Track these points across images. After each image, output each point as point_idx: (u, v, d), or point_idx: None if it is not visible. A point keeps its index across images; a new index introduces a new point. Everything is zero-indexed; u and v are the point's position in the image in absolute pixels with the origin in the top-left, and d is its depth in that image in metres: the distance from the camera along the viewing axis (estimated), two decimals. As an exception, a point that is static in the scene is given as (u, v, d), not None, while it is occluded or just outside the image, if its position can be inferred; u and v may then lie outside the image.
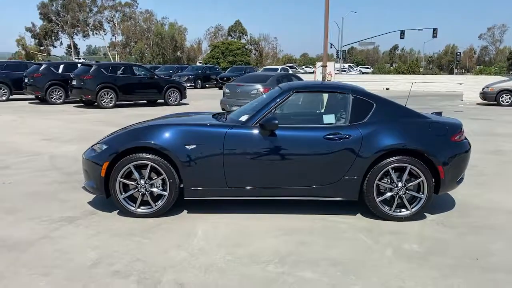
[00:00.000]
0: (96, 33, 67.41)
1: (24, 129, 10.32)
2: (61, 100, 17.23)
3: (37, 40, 67.18)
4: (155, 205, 4.34)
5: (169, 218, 4.34)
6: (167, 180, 4.28)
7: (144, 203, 4.37)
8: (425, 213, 4.60)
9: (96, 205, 4.68)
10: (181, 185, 4.35)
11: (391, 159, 4.30)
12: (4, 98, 18.12)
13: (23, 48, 66.52)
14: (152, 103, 17.65)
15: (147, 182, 4.32)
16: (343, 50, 52.92)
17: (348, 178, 4.31)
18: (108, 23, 67.24)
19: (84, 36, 67.05)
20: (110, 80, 16.03)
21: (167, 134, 4.29)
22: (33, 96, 17.89)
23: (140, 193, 4.33)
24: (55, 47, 69.66)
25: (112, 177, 4.28)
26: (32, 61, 44.00)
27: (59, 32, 66.76)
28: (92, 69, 16.05)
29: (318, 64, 17.41)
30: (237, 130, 4.33)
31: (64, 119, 12.31)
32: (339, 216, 4.48)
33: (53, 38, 67.13)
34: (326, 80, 16.78)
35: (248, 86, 13.30)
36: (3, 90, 18.15)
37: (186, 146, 4.25)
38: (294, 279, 3.13)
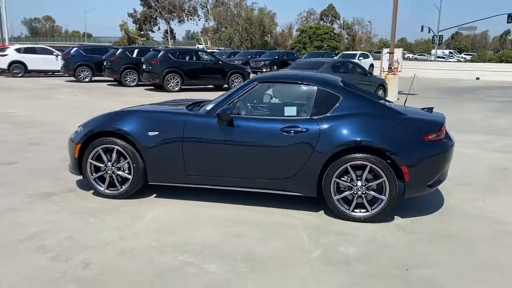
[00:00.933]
0: (191, 19, 70.40)
1: (87, 109, 11.22)
2: (134, 83, 18.40)
3: (137, 25, 71.96)
4: (121, 188, 4.58)
5: (135, 201, 4.55)
6: (131, 164, 4.49)
7: (113, 184, 4.63)
8: (395, 215, 4.30)
9: (81, 184, 5.03)
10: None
11: (350, 156, 4.07)
12: (87, 79, 19.80)
13: (126, 32, 71.59)
14: (218, 87, 18.10)
15: (114, 165, 4.56)
16: (439, 36, 49.41)
17: (305, 173, 4.17)
18: (202, 8, 69.81)
19: (179, 22, 70.44)
20: (176, 65, 16.77)
21: (133, 120, 4.48)
22: (111, 79, 19.33)
23: (108, 175, 4.59)
24: (154, 32, 74.14)
25: (84, 158, 4.58)
26: (133, 45, 47.45)
27: (157, 18, 70.76)
28: (160, 54, 16.89)
29: (385, 50, 16.50)
30: (197, 119, 4.39)
31: (130, 101, 13.12)
32: (300, 211, 4.37)
33: (151, 23, 71.41)
34: (393, 68, 15.89)
35: (299, 73, 13.12)
36: (87, 72, 19.83)
37: (149, 133, 4.40)
38: (195, 271, 3.15)
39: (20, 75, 22.04)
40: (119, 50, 18.77)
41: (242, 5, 65.06)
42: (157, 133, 4.40)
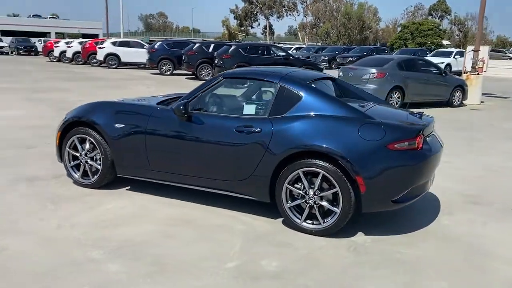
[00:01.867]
0: (290, 14, 70.47)
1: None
2: (209, 77, 18.91)
3: (238, 21, 73.92)
4: (92, 178, 4.67)
5: (104, 191, 4.61)
6: (100, 155, 4.55)
7: (86, 174, 4.74)
8: (359, 231, 3.83)
9: (72, 170, 5.23)
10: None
11: (302, 161, 3.69)
12: (168, 73, 20.79)
13: (227, 28, 73.99)
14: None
15: (87, 155, 4.66)
16: None
17: (258, 176, 3.87)
18: (301, 4, 69.48)
19: (278, 17, 70.92)
20: (246, 59, 16.86)
21: (104, 112, 4.53)
22: (190, 72, 20.07)
23: (82, 165, 4.71)
24: (253, 27, 75.57)
25: (63, 146, 4.76)
26: (234, 41, 48.70)
27: (258, 14, 71.99)
28: (231, 49, 17.14)
29: (469, 48, 14.87)
30: (161, 113, 4.30)
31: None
32: (257, 217, 4.08)
33: (252, 19, 72.86)
34: (477, 67, 14.27)
35: (361, 70, 12.41)
36: (168, 65, 20.82)
37: (116, 125, 4.42)
38: (94, 268, 3.08)
39: (114, 66, 23.89)
40: (196, 45, 19.39)
41: (342, 0, 63.52)
42: (123, 125, 4.40)
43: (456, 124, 9.92)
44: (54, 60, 29.84)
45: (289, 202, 3.81)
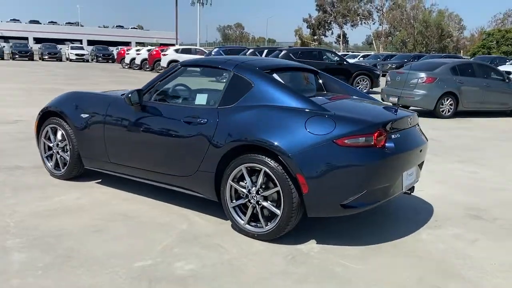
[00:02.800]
0: (365, 23, 68.66)
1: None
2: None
3: (311, 30, 73.38)
4: (62, 169, 4.60)
5: (71, 183, 4.51)
6: (69, 146, 4.47)
7: (58, 164, 4.67)
8: (312, 239, 3.36)
9: (58, 162, 5.23)
10: None
11: (244, 156, 3.31)
12: (223, 78, 20.99)
13: (299, 37, 73.77)
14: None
15: (58, 145, 4.60)
16: None
17: (204, 172, 3.54)
18: (377, 12, 67.41)
19: (352, 26, 69.40)
20: (296, 64, 16.46)
21: (74, 102, 4.45)
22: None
23: (54, 155, 4.66)
24: (326, 36, 74.60)
25: (39, 136, 4.75)
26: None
27: (331, 22, 71.01)
28: (282, 54, 16.84)
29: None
30: (119, 103, 4.11)
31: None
32: (211, 217, 3.75)
33: (325, 28, 72.00)
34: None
35: (409, 74, 11.51)
36: (224, 71, 21.02)
37: (82, 115, 4.31)
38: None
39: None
40: (249, 51, 19.35)
41: (420, 7, 60.64)
42: (87, 115, 4.28)
43: (508, 134, 8.81)
44: (126, 67, 31.38)
45: (234, 201, 3.43)
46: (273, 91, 3.46)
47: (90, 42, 59.99)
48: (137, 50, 30.53)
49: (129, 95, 3.82)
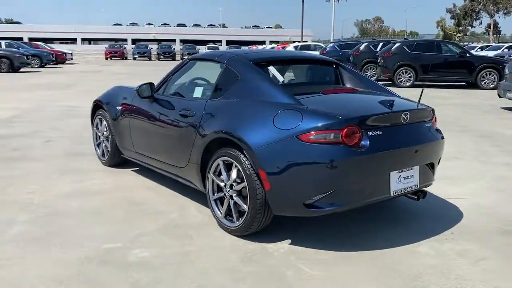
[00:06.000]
0: (522, 9, 60.34)
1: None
2: (373, 78, 17.87)
3: (455, 21, 67.17)
4: (106, 157, 5.06)
5: (111, 170, 4.95)
6: (109, 135, 4.91)
7: (103, 152, 5.16)
8: (288, 239, 3.21)
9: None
10: None
11: (221, 149, 3.30)
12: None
13: (442, 29, 68.18)
14: (470, 85, 15.45)
15: (103, 135, 5.07)
16: None
17: (192, 164, 3.62)
18: (538, -4, 58.62)
19: (505, 14, 61.61)
20: (410, 58, 15.44)
21: (114, 95, 4.87)
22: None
23: (102, 144, 5.15)
24: (474, 27, 67.49)
25: (92, 126, 5.30)
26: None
27: (480, 11, 64.11)
28: (394, 46, 15.89)
29: None
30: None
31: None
32: (205, 209, 3.81)
33: (472, 17, 65.28)
34: None
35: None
36: (339, 67, 20.55)
37: (117, 107, 4.71)
38: None
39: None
40: (363, 44, 18.59)
41: None
42: (120, 107, 4.65)
43: None
44: (252, 65, 32.67)
45: (215, 194, 3.44)
46: (254, 84, 3.37)
47: (229, 42, 63.67)
48: (262, 49, 31.50)
49: (138, 88, 4.06)
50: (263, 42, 64.08)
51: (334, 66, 4.15)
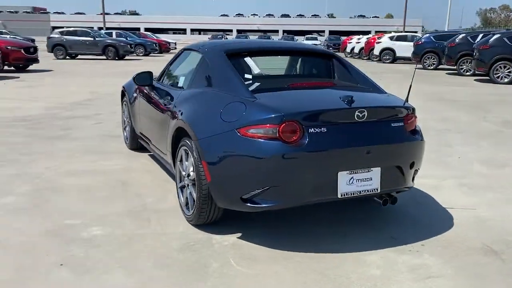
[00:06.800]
0: None
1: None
2: (469, 73, 16.35)
3: None
4: (127, 141, 5.37)
5: (132, 153, 5.26)
6: (128, 119, 5.20)
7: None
8: (242, 232, 3.16)
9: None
10: None
11: (182, 139, 3.34)
12: (431, 67, 19.15)
13: None
14: None
15: (126, 119, 5.38)
16: None
17: (168, 152, 3.71)
18: None
19: None
20: (510, 50, 13.81)
21: (131, 82, 5.12)
22: (453, 67, 17.81)
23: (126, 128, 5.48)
24: None
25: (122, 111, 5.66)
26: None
27: None
28: (493, 38, 14.36)
29: None
30: None
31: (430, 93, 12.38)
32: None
33: None
34: None
35: None
36: (433, 59, 19.20)
37: (133, 94, 4.95)
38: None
39: (388, 61, 23.66)
40: (461, 35, 17.01)
41: None
42: (134, 94, 4.90)
43: None
44: (348, 56, 31.77)
45: (180, 182, 3.50)
46: (218, 75, 3.36)
47: (332, 33, 62.53)
48: (358, 39, 30.48)
49: (135, 76, 4.24)
50: (367, 32, 61.80)
51: (326, 58, 3.93)
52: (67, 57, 22.62)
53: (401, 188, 3.12)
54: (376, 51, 24.23)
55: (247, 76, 3.52)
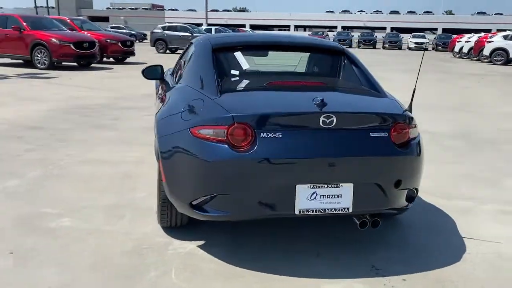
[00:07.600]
0: None
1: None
2: None
3: None
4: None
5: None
6: (157, 113, 5.18)
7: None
8: (205, 240, 2.92)
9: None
10: None
11: (159, 136, 3.18)
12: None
13: None
14: None
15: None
16: None
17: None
18: None
19: None
20: None
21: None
22: None
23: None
24: None
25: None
26: None
27: None
28: None
29: None
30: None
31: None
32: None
33: None
34: None
35: None
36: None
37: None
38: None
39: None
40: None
41: None
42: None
43: None
44: (457, 56, 29.26)
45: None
46: (195, 70, 3.13)
47: (445, 30, 58.35)
48: (468, 37, 27.87)
49: (144, 69, 4.15)
50: (488, 31, 56.53)
51: (332, 53, 3.46)
52: (167, 51, 23.86)
53: (383, 210, 2.61)
54: (486, 51, 21.87)
55: (233, 72, 3.24)
